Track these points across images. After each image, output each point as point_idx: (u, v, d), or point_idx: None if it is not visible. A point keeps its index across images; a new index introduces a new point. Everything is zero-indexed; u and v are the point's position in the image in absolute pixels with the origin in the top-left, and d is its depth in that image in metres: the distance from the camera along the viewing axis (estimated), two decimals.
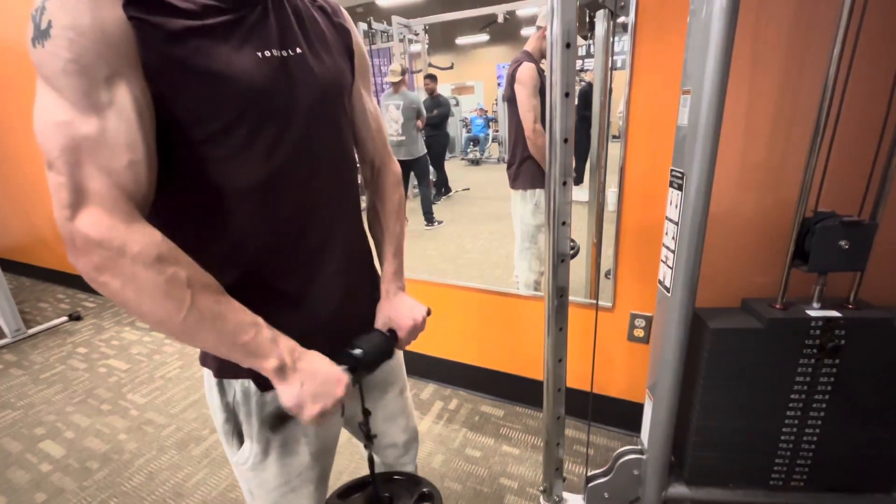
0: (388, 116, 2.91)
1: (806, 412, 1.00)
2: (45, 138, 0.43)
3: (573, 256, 0.98)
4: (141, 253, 0.44)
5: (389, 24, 3.30)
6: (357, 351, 0.63)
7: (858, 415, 0.99)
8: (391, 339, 0.69)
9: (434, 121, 3.21)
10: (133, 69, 0.45)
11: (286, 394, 0.54)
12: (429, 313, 0.75)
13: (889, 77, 0.87)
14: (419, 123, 3.03)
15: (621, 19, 1.18)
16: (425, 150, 3.07)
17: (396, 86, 2.93)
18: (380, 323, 0.73)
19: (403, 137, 2.94)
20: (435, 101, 3.33)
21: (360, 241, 0.73)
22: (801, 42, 0.99)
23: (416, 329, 0.72)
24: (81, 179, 0.42)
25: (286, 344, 0.54)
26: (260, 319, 0.52)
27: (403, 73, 2.99)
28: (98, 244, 0.42)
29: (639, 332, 1.43)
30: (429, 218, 3.17)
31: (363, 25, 3.25)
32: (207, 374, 0.64)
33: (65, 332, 2.65)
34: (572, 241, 0.98)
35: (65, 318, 2.77)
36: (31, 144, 2.88)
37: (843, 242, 0.89)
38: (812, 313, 0.95)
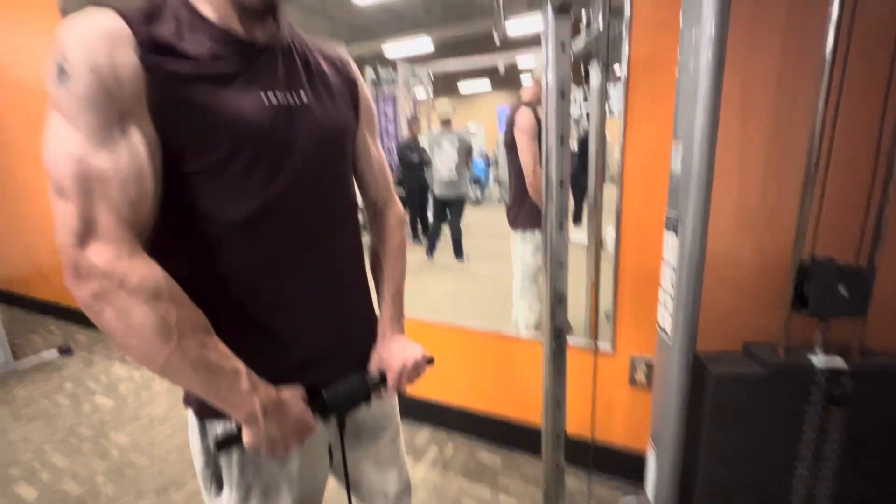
0: (443, 155, 2.93)
1: (817, 465, 0.96)
2: (57, 168, 0.44)
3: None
4: (139, 287, 0.45)
5: (395, 70, 3.47)
6: (327, 391, 0.62)
7: (873, 468, 0.94)
8: (371, 383, 0.67)
9: (415, 164, 3.24)
10: (142, 108, 0.47)
11: (247, 435, 0.54)
12: (430, 361, 0.73)
13: (875, 124, 0.90)
14: (468, 162, 3.05)
15: (615, 70, 1.24)
16: (467, 192, 3.10)
17: (448, 124, 2.94)
18: (373, 365, 0.72)
19: (456, 177, 2.95)
20: (418, 144, 3.38)
21: (357, 282, 0.72)
22: (788, 91, 1.03)
23: (406, 372, 0.70)
24: (91, 210, 0.44)
25: (264, 393, 0.54)
26: (241, 366, 0.52)
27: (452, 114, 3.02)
28: (101, 273, 0.44)
29: (640, 377, 1.40)
30: (458, 252, 3.16)
31: (370, 72, 3.41)
32: (190, 415, 0.62)
33: (53, 366, 2.59)
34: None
35: (54, 352, 2.71)
36: (37, 181, 2.94)
37: (841, 288, 0.88)
38: (816, 360, 0.93)
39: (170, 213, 0.52)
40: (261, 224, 0.56)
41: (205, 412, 0.60)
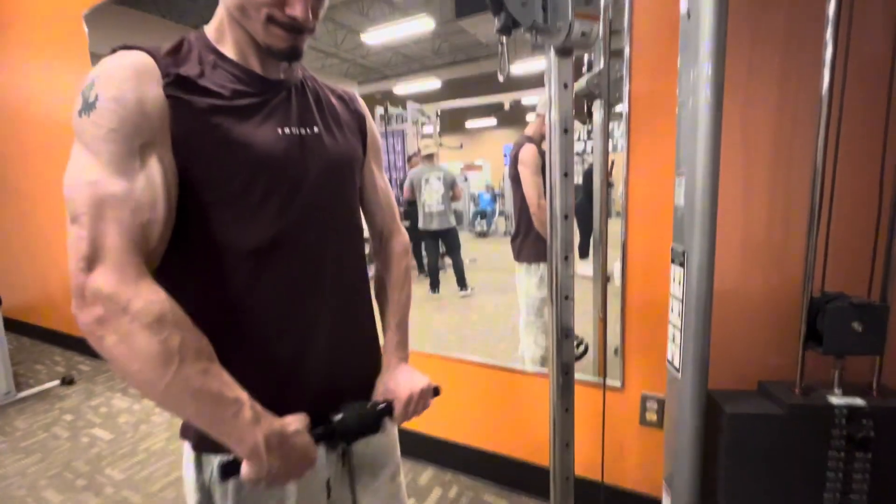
0: (429, 188, 3.05)
1: None
2: (74, 194, 0.46)
3: (580, 357, 0.95)
4: (142, 311, 0.45)
5: (404, 108, 3.60)
6: (337, 416, 0.60)
7: None
8: (380, 412, 0.65)
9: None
10: (165, 139, 0.50)
11: (248, 469, 0.51)
12: (437, 392, 0.72)
13: (876, 159, 0.91)
14: (456, 194, 3.12)
15: (617, 108, 1.27)
16: (455, 223, 3.16)
17: (431, 157, 3.05)
18: (378, 394, 0.70)
19: (442, 208, 3.04)
20: None
21: (362, 309, 0.72)
22: (788, 128, 1.05)
23: (413, 401, 0.69)
24: (101, 235, 0.45)
25: (267, 425, 0.51)
26: (244, 396, 0.51)
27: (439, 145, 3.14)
28: (106, 298, 0.44)
29: (651, 416, 1.35)
30: (462, 283, 3.17)
31: (380, 109, 3.54)
32: (186, 448, 0.61)
33: (54, 397, 2.57)
34: (579, 337, 0.96)
35: (57, 382, 2.69)
36: (56, 211, 3.02)
37: (855, 324, 0.86)
38: (834, 400, 0.89)
39: (183, 241, 0.53)
40: (272, 253, 0.57)
41: (202, 445, 0.59)
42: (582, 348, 1.27)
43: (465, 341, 2.41)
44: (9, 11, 2.96)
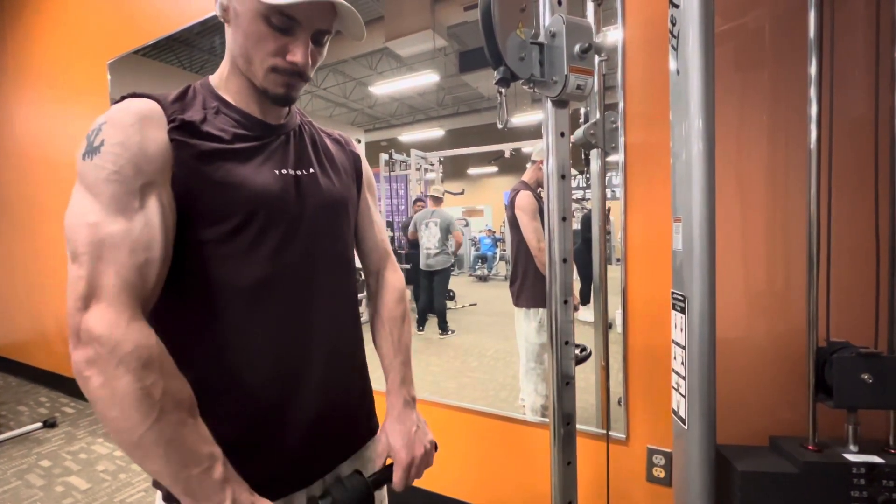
0: (428, 232, 3.21)
1: None
2: (74, 235, 0.46)
3: (583, 361, 0.93)
4: (130, 354, 0.44)
5: (409, 155, 3.72)
6: (326, 500, 0.57)
7: None
8: (373, 482, 0.62)
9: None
10: (166, 180, 0.51)
11: None
12: (435, 447, 0.70)
13: (870, 206, 0.92)
14: (456, 237, 3.28)
15: (613, 157, 1.31)
16: (450, 263, 3.27)
17: (437, 201, 3.26)
18: (380, 447, 0.68)
19: (439, 250, 3.19)
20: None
21: (352, 350, 0.71)
22: (781, 180, 1.08)
23: (414, 466, 0.66)
24: (99, 275, 0.45)
25: (234, 489, 0.48)
26: (219, 453, 0.48)
27: (443, 193, 3.38)
28: (96, 338, 0.44)
29: (659, 472, 1.28)
30: (443, 327, 3.19)
31: (385, 156, 3.66)
32: (158, 498, 0.58)
33: (34, 441, 2.45)
34: (582, 345, 0.93)
35: (38, 425, 2.58)
36: (58, 249, 3.05)
37: (865, 376, 0.84)
38: (851, 458, 0.85)
39: (179, 279, 0.53)
40: (267, 291, 0.57)
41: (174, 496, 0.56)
42: (586, 353, 1.20)
43: (464, 388, 2.34)
44: (37, 52, 3.12)
